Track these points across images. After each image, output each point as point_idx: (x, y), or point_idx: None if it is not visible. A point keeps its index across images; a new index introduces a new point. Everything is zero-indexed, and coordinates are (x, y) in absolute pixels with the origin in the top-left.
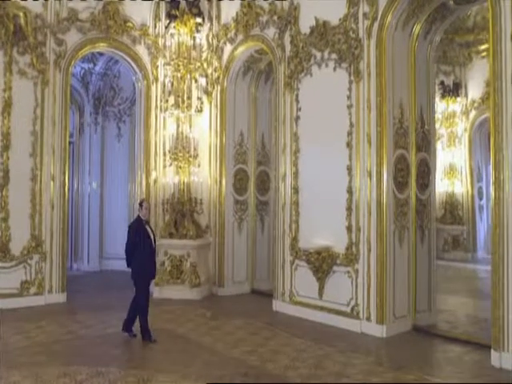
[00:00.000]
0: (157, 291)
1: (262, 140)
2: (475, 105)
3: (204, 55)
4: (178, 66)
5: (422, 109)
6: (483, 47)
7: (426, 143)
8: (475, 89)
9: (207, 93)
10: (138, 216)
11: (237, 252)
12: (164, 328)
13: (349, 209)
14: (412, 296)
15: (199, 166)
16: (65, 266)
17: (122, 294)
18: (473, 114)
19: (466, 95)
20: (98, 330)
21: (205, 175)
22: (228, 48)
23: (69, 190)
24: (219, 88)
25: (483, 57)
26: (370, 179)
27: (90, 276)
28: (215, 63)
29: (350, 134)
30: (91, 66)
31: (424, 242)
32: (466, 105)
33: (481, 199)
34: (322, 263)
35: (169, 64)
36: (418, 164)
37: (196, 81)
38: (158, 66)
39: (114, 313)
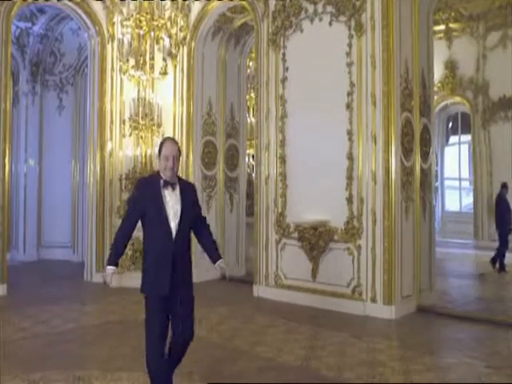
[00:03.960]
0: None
1: (231, 110)
2: (434, 89)
3: (167, 13)
4: (140, 22)
5: (424, 70)
6: (439, 28)
7: (426, 108)
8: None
9: (171, 55)
10: (158, 171)
11: None
12: (139, 320)
13: (349, 178)
14: (417, 274)
15: (163, 136)
16: (4, 252)
17: (68, 284)
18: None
19: None
20: (56, 325)
21: None
22: (197, 5)
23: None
24: (186, 50)
25: (440, 38)
26: (376, 144)
27: (28, 266)
28: (181, 22)
29: (350, 94)
30: (29, 25)
31: (426, 215)
32: None
33: (436, 181)
34: (318, 239)
35: (128, 20)
36: (422, 130)
37: (158, 42)
38: (114, 23)
39: (68, 305)
